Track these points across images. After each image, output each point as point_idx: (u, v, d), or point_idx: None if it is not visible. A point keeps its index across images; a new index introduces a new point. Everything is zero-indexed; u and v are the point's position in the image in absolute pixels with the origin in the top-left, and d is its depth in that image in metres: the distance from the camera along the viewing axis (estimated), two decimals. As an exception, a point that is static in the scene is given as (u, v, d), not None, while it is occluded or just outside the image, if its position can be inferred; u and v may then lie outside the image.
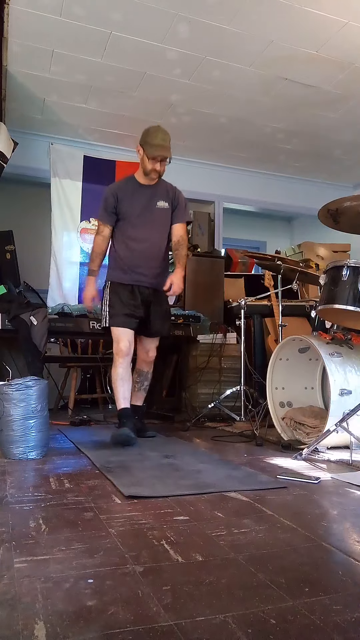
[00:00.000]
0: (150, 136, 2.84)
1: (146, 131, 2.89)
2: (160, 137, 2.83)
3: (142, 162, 2.91)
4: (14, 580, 1.08)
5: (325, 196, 3.58)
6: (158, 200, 2.97)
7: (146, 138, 2.85)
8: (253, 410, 3.30)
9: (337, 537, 1.41)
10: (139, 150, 2.90)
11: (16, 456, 2.37)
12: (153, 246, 2.95)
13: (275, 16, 3.24)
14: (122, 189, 2.97)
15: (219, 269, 4.63)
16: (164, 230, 3.00)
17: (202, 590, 1.05)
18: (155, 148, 2.82)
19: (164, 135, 2.86)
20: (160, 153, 2.83)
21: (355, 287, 2.48)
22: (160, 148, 2.82)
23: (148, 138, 2.84)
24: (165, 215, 2.99)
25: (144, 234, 2.94)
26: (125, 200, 2.93)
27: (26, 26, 3.37)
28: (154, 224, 2.97)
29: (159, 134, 2.84)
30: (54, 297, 4.72)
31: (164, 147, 2.84)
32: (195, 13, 3.23)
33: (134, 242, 2.94)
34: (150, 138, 2.84)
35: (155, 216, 2.97)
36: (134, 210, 2.94)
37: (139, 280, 2.93)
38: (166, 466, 2.23)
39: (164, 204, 2.98)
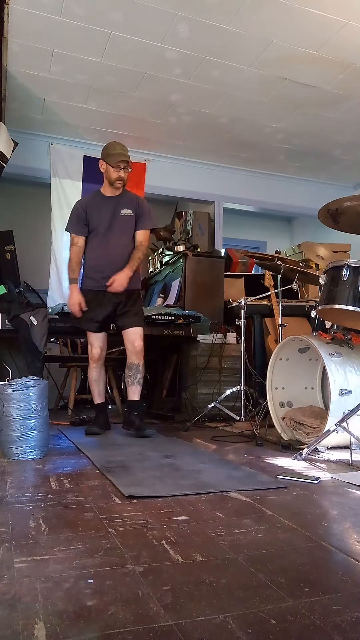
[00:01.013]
0: (110, 149, 3.13)
1: (105, 147, 3.18)
2: (118, 147, 3.11)
3: (107, 173, 3.14)
4: (14, 580, 1.08)
5: (325, 196, 3.58)
6: (122, 209, 3.19)
7: (106, 151, 3.13)
8: (253, 410, 3.30)
9: (337, 537, 1.41)
10: (102, 165, 3.16)
11: (16, 456, 2.37)
12: (117, 249, 3.16)
13: (275, 16, 3.24)
14: (90, 203, 3.21)
15: (219, 269, 4.63)
16: (128, 236, 3.21)
17: (202, 590, 1.05)
18: (115, 156, 3.08)
19: (121, 146, 3.14)
20: (121, 159, 3.08)
21: (355, 287, 2.48)
22: (120, 155, 3.09)
23: (108, 151, 3.13)
24: (130, 222, 3.20)
25: (110, 240, 3.16)
26: (93, 212, 3.17)
27: (26, 26, 3.37)
28: (119, 231, 3.18)
29: (117, 146, 3.13)
30: (54, 297, 4.72)
31: (123, 154, 3.10)
32: (195, 13, 3.23)
33: (100, 248, 3.17)
34: (110, 150, 3.12)
35: (120, 223, 3.19)
36: (101, 220, 3.16)
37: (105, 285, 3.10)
38: (166, 466, 2.23)
39: (128, 212, 3.19)
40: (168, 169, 5.39)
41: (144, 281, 5.31)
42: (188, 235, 5.22)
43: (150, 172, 5.21)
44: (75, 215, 3.21)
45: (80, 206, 3.22)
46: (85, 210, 3.18)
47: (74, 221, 3.21)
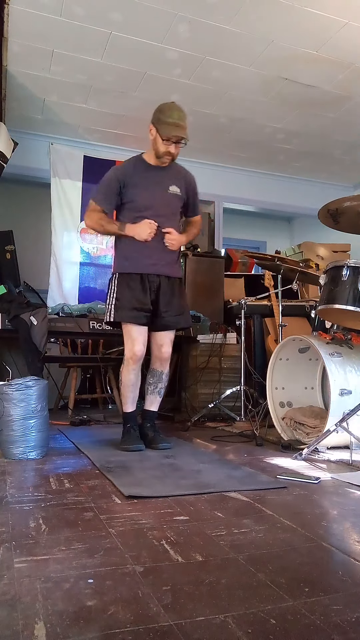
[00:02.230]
0: (165, 113, 2.51)
1: (159, 108, 2.56)
2: (176, 115, 2.51)
3: (155, 143, 2.58)
4: (14, 580, 1.08)
5: (325, 196, 3.58)
6: (170, 185, 2.68)
7: (159, 115, 2.53)
8: (253, 410, 3.30)
9: (337, 537, 1.41)
10: (151, 130, 2.57)
11: (16, 456, 2.37)
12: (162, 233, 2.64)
13: (275, 16, 3.24)
14: (128, 173, 2.64)
15: (219, 269, 4.63)
16: (174, 217, 2.72)
17: (202, 590, 1.05)
18: (170, 127, 2.49)
19: (179, 113, 2.53)
20: (176, 133, 2.51)
21: (355, 287, 2.48)
22: (176, 127, 2.50)
23: (162, 115, 2.52)
24: (177, 201, 2.72)
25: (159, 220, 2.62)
26: (131, 185, 2.63)
27: (26, 26, 3.37)
28: (167, 209, 2.67)
29: (175, 112, 2.51)
30: (54, 297, 4.72)
31: (179, 126, 2.51)
32: (195, 13, 3.23)
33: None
34: (165, 116, 2.51)
35: (166, 201, 2.67)
36: (141, 195, 2.63)
37: (147, 269, 2.63)
38: (166, 466, 2.23)
39: (176, 190, 2.70)
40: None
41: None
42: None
43: (150, 172, 5.20)
44: (107, 187, 2.64)
45: (116, 176, 2.63)
46: (120, 182, 2.62)
47: (105, 193, 2.64)
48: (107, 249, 5.05)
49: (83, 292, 4.92)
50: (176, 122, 2.50)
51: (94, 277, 5.01)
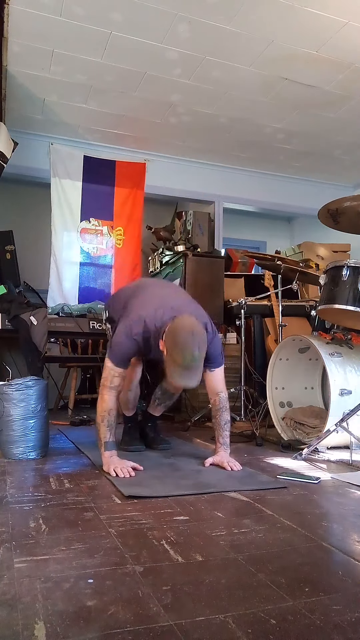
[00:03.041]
0: (178, 350, 2.04)
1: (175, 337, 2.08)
2: (189, 356, 2.02)
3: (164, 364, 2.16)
4: (14, 580, 1.08)
5: (325, 196, 3.58)
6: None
7: (173, 350, 2.06)
8: (253, 410, 3.30)
9: (337, 537, 1.41)
10: (163, 350, 2.14)
11: (16, 456, 2.37)
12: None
13: (275, 16, 3.24)
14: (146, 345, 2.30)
15: (219, 269, 4.63)
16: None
17: (202, 590, 1.05)
18: (180, 374, 2.06)
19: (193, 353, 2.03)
20: (186, 384, 2.11)
21: (355, 287, 2.48)
22: (187, 376, 2.06)
23: (175, 352, 2.05)
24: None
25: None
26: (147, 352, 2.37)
27: (26, 26, 3.37)
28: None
29: (188, 352, 2.03)
30: (54, 297, 4.72)
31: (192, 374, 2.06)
32: (195, 13, 3.23)
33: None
34: (178, 353, 2.04)
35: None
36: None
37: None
38: (166, 466, 2.23)
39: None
40: (168, 169, 5.39)
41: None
42: (188, 235, 5.22)
43: (150, 172, 5.21)
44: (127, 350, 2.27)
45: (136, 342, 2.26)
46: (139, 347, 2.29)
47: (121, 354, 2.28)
48: (107, 249, 5.05)
49: (83, 292, 4.92)
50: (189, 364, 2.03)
51: (94, 277, 5.01)
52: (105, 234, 5.05)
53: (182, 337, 2.06)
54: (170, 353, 2.07)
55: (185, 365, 2.03)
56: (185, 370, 2.04)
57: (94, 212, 5.02)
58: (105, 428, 2.18)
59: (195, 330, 2.10)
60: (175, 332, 2.09)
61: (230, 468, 2.17)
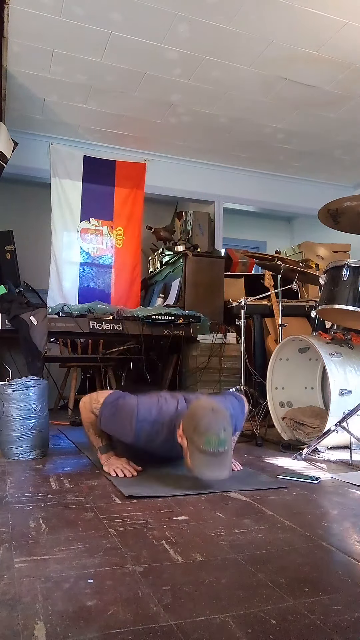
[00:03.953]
0: (200, 435, 1.77)
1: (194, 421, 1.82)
2: (214, 439, 1.76)
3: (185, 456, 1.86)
4: (14, 580, 1.08)
5: (325, 196, 3.58)
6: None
7: (194, 436, 1.79)
8: (253, 410, 3.30)
9: (337, 537, 1.41)
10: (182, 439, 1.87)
11: (16, 456, 2.37)
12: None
13: (275, 16, 3.24)
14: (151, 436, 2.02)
15: (219, 269, 4.63)
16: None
17: (202, 590, 1.05)
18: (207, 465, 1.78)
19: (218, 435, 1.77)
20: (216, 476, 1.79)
21: (355, 287, 2.48)
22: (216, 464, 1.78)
23: (197, 437, 1.78)
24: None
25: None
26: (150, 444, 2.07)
27: (26, 26, 3.37)
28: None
29: (212, 435, 1.76)
30: (54, 297, 4.72)
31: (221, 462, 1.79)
32: (195, 13, 3.23)
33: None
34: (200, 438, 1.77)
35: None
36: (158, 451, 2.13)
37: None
38: (166, 466, 2.23)
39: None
40: (168, 169, 5.39)
41: (144, 281, 5.32)
42: (188, 235, 5.22)
43: (150, 172, 5.21)
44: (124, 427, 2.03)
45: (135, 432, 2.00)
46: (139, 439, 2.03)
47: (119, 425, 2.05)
48: (107, 249, 5.05)
49: (83, 292, 4.92)
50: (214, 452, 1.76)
51: (94, 277, 5.01)
52: (105, 234, 5.05)
53: (203, 418, 1.79)
54: (192, 440, 1.79)
55: (212, 452, 1.75)
56: (213, 457, 1.76)
57: (94, 212, 5.02)
58: (94, 436, 2.17)
59: (216, 408, 1.85)
60: (194, 415, 1.83)
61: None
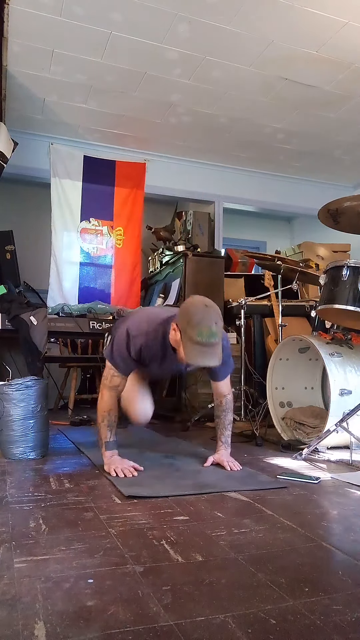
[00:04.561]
0: (194, 326, 1.89)
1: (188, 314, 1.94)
2: (206, 330, 1.88)
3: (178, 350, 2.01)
4: (14, 580, 1.08)
5: (325, 196, 3.58)
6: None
7: (188, 328, 1.91)
8: (253, 410, 3.30)
9: (337, 537, 1.41)
10: (175, 331, 1.99)
11: (16, 456, 2.37)
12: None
13: (275, 16, 3.24)
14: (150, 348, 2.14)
15: (219, 269, 4.63)
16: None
17: (202, 590, 1.05)
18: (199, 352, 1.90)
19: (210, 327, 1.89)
20: (206, 363, 1.95)
21: (355, 287, 2.48)
22: (208, 353, 1.90)
23: (190, 329, 1.89)
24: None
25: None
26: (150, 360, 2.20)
27: (26, 26, 3.37)
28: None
29: (205, 327, 1.89)
30: (54, 297, 4.72)
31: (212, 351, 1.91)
32: (195, 13, 3.23)
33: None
34: (194, 330, 1.89)
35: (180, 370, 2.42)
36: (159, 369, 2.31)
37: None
38: (166, 466, 2.23)
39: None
40: (168, 169, 5.39)
41: (144, 281, 5.32)
42: (188, 235, 5.22)
43: (150, 172, 5.21)
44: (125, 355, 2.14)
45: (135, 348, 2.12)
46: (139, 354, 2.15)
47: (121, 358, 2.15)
48: (107, 249, 5.05)
49: (83, 292, 4.92)
50: (206, 341, 1.89)
51: (94, 277, 5.01)
52: (105, 234, 5.05)
53: (197, 312, 1.93)
54: (185, 332, 1.91)
55: (204, 342, 1.87)
56: (204, 347, 1.88)
57: (94, 212, 5.02)
58: (105, 428, 2.17)
59: (209, 303, 1.98)
60: (187, 310, 1.96)
61: (230, 468, 2.17)
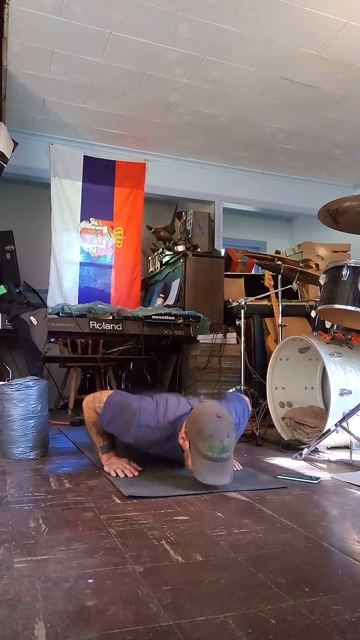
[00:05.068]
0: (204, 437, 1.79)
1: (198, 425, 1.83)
2: (217, 445, 1.78)
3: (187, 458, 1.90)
4: (14, 580, 1.08)
5: (325, 196, 3.58)
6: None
7: (197, 441, 1.81)
8: (253, 410, 3.30)
9: (337, 537, 1.40)
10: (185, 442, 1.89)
11: (16, 456, 2.37)
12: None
13: (275, 16, 3.24)
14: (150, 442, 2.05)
15: (219, 269, 4.63)
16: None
17: (202, 590, 1.05)
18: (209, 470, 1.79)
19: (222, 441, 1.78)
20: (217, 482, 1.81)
21: (355, 287, 2.48)
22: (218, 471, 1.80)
23: (200, 442, 1.80)
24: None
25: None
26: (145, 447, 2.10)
27: (26, 26, 3.37)
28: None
29: (216, 441, 1.78)
30: (54, 297, 4.72)
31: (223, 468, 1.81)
32: (195, 13, 3.23)
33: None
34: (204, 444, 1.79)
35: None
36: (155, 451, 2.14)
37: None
38: (166, 466, 2.23)
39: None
40: (168, 169, 5.39)
41: (144, 281, 5.32)
42: (188, 235, 5.22)
43: (150, 172, 5.21)
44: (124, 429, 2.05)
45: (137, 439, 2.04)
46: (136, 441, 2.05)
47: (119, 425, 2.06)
48: (107, 249, 5.05)
49: (83, 292, 4.92)
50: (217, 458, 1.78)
51: (94, 277, 5.01)
52: (105, 234, 5.05)
53: (208, 423, 1.80)
54: (195, 444, 1.81)
55: (214, 457, 1.77)
56: (215, 463, 1.78)
57: (94, 212, 5.02)
58: (96, 435, 2.18)
59: (221, 413, 1.86)
60: (198, 419, 1.84)
61: None
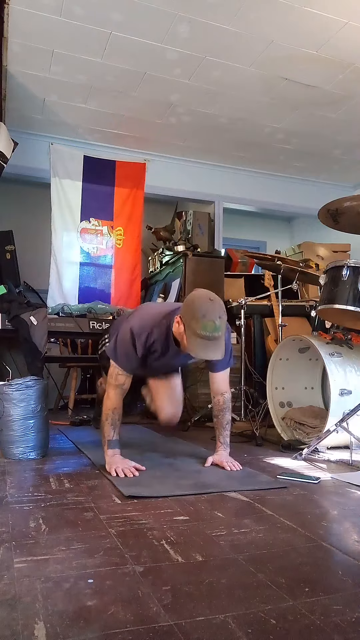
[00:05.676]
0: (198, 320, 1.95)
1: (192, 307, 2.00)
2: (210, 324, 1.94)
3: (182, 341, 2.08)
4: (14, 580, 1.08)
5: (325, 196, 3.58)
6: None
7: (191, 321, 1.97)
8: (253, 410, 3.30)
9: (337, 537, 1.41)
10: (180, 325, 2.05)
11: (16, 456, 2.37)
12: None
13: (275, 16, 3.24)
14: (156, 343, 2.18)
15: (219, 269, 4.63)
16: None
17: (202, 590, 1.05)
18: (202, 346, 1.97)
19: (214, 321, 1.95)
20: (209, 356, 2.04)
21: (355, 287, 2.48)
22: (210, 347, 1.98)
23: (194, 322, 1.96)
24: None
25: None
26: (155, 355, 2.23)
27: (26, 26, 3.37)
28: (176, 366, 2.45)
29: (208, 320, 1.94)
30: (54, 297, 4.72)
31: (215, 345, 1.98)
32: (195, 13, 3.23)
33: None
34: (197, 323, 1.95)
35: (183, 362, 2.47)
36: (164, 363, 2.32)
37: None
38: (166, 466, 2.23)
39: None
40: (168, 169, 5.39)
41: (144, 281, 5.32)
42: (188, 235, 5.22)
43: (150, 172, 5.21)
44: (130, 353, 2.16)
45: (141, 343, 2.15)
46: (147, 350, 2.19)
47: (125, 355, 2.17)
48: (107, 249, 5.05)
49: (83, 292, 4.92)
50: (209, 334, 1.95)
51: (94, 277, 5.01)
52: (105, 234, 5.05)
53: (201, 306, 1.98)
54: (189, 325, 1.97)
55: (207, 335, 1.94)
56: (207, 340, 1.95)
57: (94, 212, 5.02)
58: (109, 426, 2.17)
59: (213, 297, 2.03)
60: (192, 303, 2.02)
61: (230, 468, 2.17)
